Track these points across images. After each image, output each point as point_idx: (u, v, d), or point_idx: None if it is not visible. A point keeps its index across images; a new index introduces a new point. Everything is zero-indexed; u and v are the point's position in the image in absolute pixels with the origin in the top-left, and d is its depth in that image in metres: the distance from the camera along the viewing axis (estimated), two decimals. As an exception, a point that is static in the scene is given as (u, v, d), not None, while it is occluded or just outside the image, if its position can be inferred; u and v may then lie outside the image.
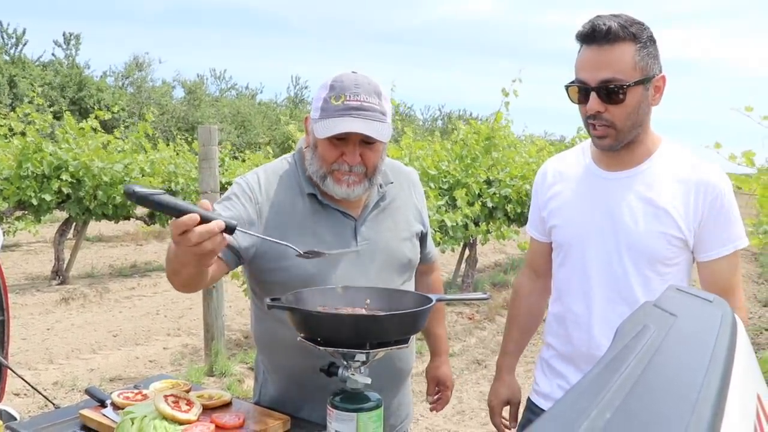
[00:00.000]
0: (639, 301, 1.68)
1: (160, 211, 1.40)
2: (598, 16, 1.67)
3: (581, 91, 1.71)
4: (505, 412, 2.19)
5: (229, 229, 1.41)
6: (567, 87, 1.75)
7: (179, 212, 1.36)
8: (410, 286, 1.98)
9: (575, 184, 1.89)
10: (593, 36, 1.66)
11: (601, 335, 1.80)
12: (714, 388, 0.58)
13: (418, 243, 1.99)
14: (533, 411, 2.02)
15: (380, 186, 1.90)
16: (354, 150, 1.74)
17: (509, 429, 2.15)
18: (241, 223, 1.70)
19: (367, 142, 1.75)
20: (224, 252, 1.71)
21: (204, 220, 1.37)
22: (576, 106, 1.79)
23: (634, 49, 1.65)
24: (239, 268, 1.94)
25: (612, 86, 1.65)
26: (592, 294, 1.83)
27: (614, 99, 1.66)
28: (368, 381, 1.48)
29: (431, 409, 2.28)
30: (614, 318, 1.72)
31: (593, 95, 1.68)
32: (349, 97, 1.71)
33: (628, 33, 1.64)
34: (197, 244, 1.36)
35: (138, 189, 1.36)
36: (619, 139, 1.72)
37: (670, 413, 0.54)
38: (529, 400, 2.08)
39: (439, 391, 2.25)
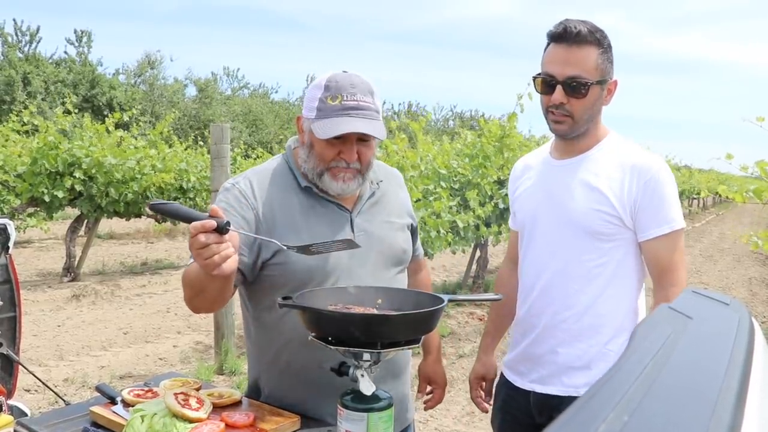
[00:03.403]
0: (579, 271, 1.89)
1: (173, 218, 1.57)
2: (568, 19, 1.83)
3: (547, 84, 1.86)
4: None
5: (221, 229, 1.42)
6: (534, 78, 1.90)
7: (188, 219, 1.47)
8: (404, 278, 1.99)
9: (535, 174, 2.07)
10: (564, 36, 1.82)
11: (541, 304, 1.98)
12: (733, 391, 0.57)
13: (410, 235, 2.03)
14: (502, 381, 2.17)
15: (371, 183, 1.94)
16: (352, 148, 1.77)
17: (486, 402, 2.28)
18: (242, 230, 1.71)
19: (362, 139, 1.78)
20: None
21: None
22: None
23: (597, 52, 1.82)
24: None
25: (576, 82, 1.81)
26: (539, 267, 1.99)
27: (577, 93, 1.82)
28: (374, 388, 1.47)
29: (425, 409, 2.28)
30: (554, 290, 1.93)
31: (559, 88, 1.83)
32: (346, 97, 1.74)
33: (594, 38, 1.81)
34: (209, 257, 1.41)
35: (154, 202, 1.51)
36: (573, 128, 1.88)
37: (689, 416, 0.53)
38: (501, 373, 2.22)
39: (431, 390, 2.23)
